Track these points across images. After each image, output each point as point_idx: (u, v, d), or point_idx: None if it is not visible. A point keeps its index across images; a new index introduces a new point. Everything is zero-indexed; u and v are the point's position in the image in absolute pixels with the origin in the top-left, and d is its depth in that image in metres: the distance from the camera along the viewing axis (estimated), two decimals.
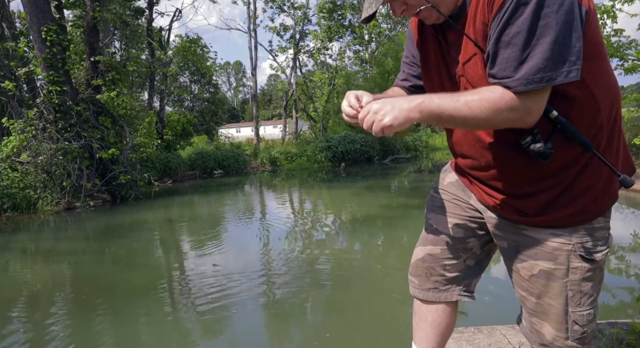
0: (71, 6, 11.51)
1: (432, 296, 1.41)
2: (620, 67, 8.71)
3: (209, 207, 10.01)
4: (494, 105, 0.92)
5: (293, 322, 3.35)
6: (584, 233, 1.06)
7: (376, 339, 2.94)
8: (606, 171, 1.05)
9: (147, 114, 15.72)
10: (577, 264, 1.07)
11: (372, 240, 5.95)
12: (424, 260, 1.41)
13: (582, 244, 1.07)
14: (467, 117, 0.94)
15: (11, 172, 9.39)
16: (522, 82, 0.90)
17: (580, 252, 1.07)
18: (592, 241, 1.07)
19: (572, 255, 1.07)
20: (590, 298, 1.10)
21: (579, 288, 1.09)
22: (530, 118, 0.94)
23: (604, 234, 1.08)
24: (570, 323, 1.12)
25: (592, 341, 1.17)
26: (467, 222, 1.31)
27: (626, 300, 3.31)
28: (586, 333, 1.13)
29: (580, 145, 1.00)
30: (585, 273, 1.08)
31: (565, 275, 1.09)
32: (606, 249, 1.08)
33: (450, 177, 1.39)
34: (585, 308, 1.10)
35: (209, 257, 5.32)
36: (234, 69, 77.44)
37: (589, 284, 1.09)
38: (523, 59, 0.90)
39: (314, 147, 19.09)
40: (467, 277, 1.38)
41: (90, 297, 4.09)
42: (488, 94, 0.94)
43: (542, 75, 0.88)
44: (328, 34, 22.91)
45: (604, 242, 1.08)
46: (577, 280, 1.08)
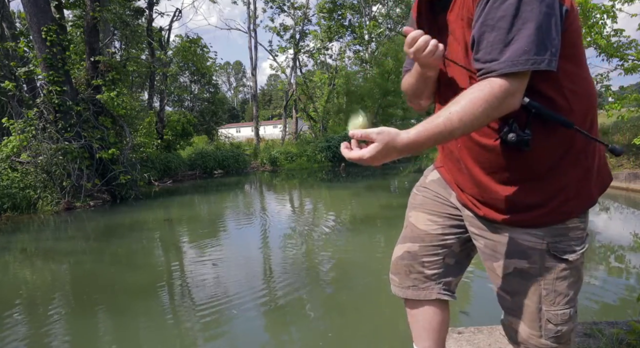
0: (71, 6, 11.52)
1: (412, 294, 1.40)
2: (620, 67, 8.71)
3: (209, 207, 10.01)
4: (487, 102, 0.92)
5: (294, 322, 3.35)
6: (558, 233, 1.07)
7: (378, 338, 2.94)
8: (581, 172, 1.05)
9: (147, 114, 15.73)
10: (550, 263, 1.08)
11: (372, 240, 5.95)
12: (403, 258, 1.41)
13: (555, 244, 1.07)
14: (463, 127, 0.94)
15: (11, 172, 9.39)
16: (508, 64, 0.91)
17: (554, 252, 1.08)
18: (566, 241, 1.07)
19: (546, 254, 1.08)
20: (565, 298, 1.10)
21: (553, 287, 1.09)
22: (515, 101, 0.94)
23: (579, 235, 1.08)
24: (544, 322, 1.12)
25: (571, 340, 1.15)
26: (446, 219, 1.31)
27: (626, 300, 3.31)
28: (561, 332, 1.12)
29: (561, 125, 0.99)
30: (559, 273, 1.08)
31: (538, 274, 1.10)
32: (581, 250, 1.08)
33: (433, 174, 1.41)
34: (560, 307, 1.10)
35: (209, 256, 5.32)
36: (234, 69, 77.44)
37: (564, 284, 1.09)
38: (508, 41, 0.91)
39: (314, 147, 19.10)
40: (446, 275, 1.36)
41: (91, 297, 4.09)
42: (476, 94, 0.93)
43: (527, 58, 0.90)
44: (328, 34, 22.93)
45: (579, 242, 1.08)
46: (551, 279, 1.09)
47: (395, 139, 0.94)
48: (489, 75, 0.93)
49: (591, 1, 7.84)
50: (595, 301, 3.30)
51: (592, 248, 4.98)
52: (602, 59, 8.71)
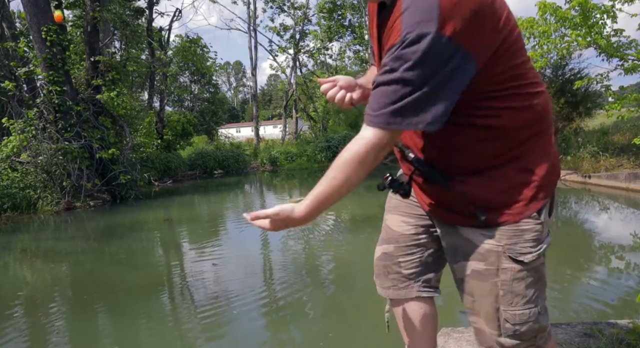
0: (71, 6, 11.52)
1: (392, 294, 1.45)
2: (620, 67, 8.70)
3: (209, 207, 10.02)
4: (360, 157, 1.02)
5: (295, 322, 3.35)
6: (512, 235, 1.08)
7: (378, 338, 2.94)
8: (524, 175, 1.07)
9: (147, 114, 15.73)
10: (506, 265, 1.09)
11: (372, 239, 5.93)
12: (380, 259, 1.46)
13: (511, 246, 1.08)
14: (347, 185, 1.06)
15: (11, 172, 9.39)
16: (381, 121, 0.98)
17: (509, 253, 1.08)
18: (521, 243, 1.08)
19: (502, 256, 1.09)
20: (524, 299, 1.10)
21: (510, 288, 1.10)
22: (385, 153, 1.04)
23: (535, 236, 1.08)
24: (502, 321, 1.13)
25: (538, 338, 1.15)
26: (418, 220, 1.36)
27: (626, 300, 3.31)
28: (520, 331, 1.12)
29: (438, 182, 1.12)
30: (516, 275, 1.09)
31: (495, 275, 1.11)
32: (537, 251, 1.08)
33: (403, 177, 1.45)
34: (518, 308, 1.11)
35: (209, 256, 5.32)
36: (234, 69, 77.43)
37: (521, 285, 1.10)
38: (387, 102, 0.97)
39: (314, 147, 19.10)
40: (425, 273, 1.39)
41: (91, 297, 4.09)
42: (351, 152, 1.03)
43: (394, 121, 0.97)
44: (328, 34, 22.94)
45: (535, 244, 1.08)
46: (507, 280, 1.10)
47: (290, 215, 1.12)
48: (367, 123, 1.02)
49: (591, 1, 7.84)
50: (595, 301, 3.30)
51: (593, 248, 4.98)
52: (602, 59, 8.71)
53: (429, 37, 0.89)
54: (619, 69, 8.73)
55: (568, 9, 8.17)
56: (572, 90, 11.45)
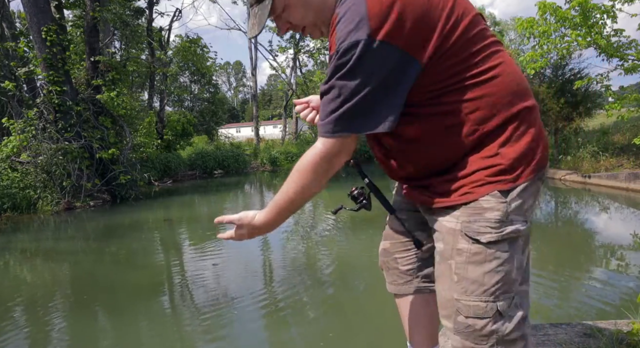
0: (71, 6, 11.52)
1: (393, 289, 1.47)
2: (620, 67, 8.71)
3: (209, 207, 10.01)
4: (314, 166, 1.06)
5: (295, 322, 3.35)
6: (472, 213, 1.02)
7: (379, 338, 2.94)
8: (492, 159, 1.02)
9: (147, 114, 15.73)
10: (462, 245, 1.03)
11: (372, 239, 5.94)
12: (381, 255, 1.50)
13: (469, 224, 1.02)
14: (302, 196, 1.13)
15: (11, 172, 9.39)
16: (327, 130, 1.00)
17: (465, 231, 1.02)
18: (481, 222, 1.00)
19: (458, 234, 1.03)
20: (481, 287, 1.00)
21: (465, 273, 1.02)
22: (341, 159, 1.06)
23: (497, 216, 1.00)
24: (454, 312, 1.04)
25: (498, 344, 1.01)
26: (412, 215, 1.34)
27: (626, 300, 3.31)
28: (473, 328, 1.01)
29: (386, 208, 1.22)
30: (471, 257, 1.01)
31: (450, 257, 1.05)
32: (498, 232, 0.99)
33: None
34: (473, 298, 1.01)
35: (209, 256, 5.32)
36: (234, 69, 77.42)
37: (478, 270, 1.01)
38: (330, 110, 0.99)
39: None
40: (423, 268, 1.38)
41: (91, 297, 4.09)
42: (304, 162, 1.07)
43: (339, 128, 0.99)
44: None
45: (497, 225, 1.00)
46: (462, 263, 1.03)
47: (251, 222, 1.17)
48: (318, 134, 1.05)
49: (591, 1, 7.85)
50: (595, 301, 3.30)
51: (593, 248, 4.98)
52: (602, 59, 8.72)
53: (361, 44, 0.92)
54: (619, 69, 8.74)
55: (568, 9, 8.17)
56: (572, 90, 11.45)
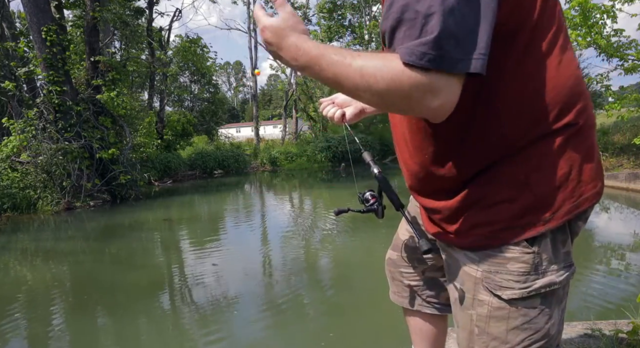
0: (71, 6, 11.52)
1: (397, 300, 1.39)
2: (620, 67, 8.71)
3: (208, 207, 10.01)
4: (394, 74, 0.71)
5: (295, 321, 3.35)
6: (494, 262, 0.86)
7: (379, 338, 2.94)
8: (512, 191, 0.83)
9: (147, 114, 15.71)
10: (483, 297, 0.89)
11: (372, 239, 5.94)
12: (387, 263, 1.41)
13: (490, 274, 0.87)
14: (358, 85, 0.74)
15: (11, 172, 9.39)
16: (406, 52, 0.70)
17: (486, 284, 0.88)
18: (502, 274, 0.86)
19: (479, 284, 0.89)
20: (504, 345, 0.88)
21: (485, 327, 0.89)
22: (432, 103, 0.71)
23: (522, 269, 0.84)
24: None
25: None
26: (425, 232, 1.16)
27: (626, 300, 3.30)
28: None
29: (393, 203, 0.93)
30: (493, 312, 0.88)
31: (471, 306, 0.92)
32: (523, 289, 0.84)
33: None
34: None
35: (209, 256, 5.32)
36: (234, 69, 77.44)
37: (500, 327, 0.88)
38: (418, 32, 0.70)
39: (314, 147, 19.10)
40: (430, 289, 1.28)
41: (91, 297, 4.09)
42: (391, 60, 0.72)
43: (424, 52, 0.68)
44: (328, 34, 22.93)
45: (522, 279, 0.84)
46: (483, 316, 0.90)
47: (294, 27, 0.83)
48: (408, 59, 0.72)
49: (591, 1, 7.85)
50: (595, 301, 3.30)
51: (593, 248, 4.97)
52: (602, 59, 8.72)
53: None
54: (619, 69, 8.74)
55: (568, 9, 8.17)
56: None
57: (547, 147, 0.82)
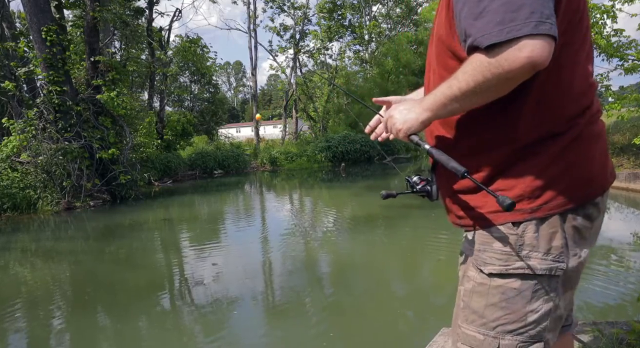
0: (71, 6, 11.51)
1: None
2: (620, 67, 8.70)
3: (208, 207, 10.01)
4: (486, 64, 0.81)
5: (295, 321, 3.35)
6: (483, 242, 0.97)
7: (379, 338, 2.94)
8: (513, 181, 0.93)
9: (147, 114, 15.71)
10: (471, 273, 0.99)
11: (372, 240, 5.94)
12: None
13: (478, 252, 0.97)
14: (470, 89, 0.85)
15: (11, 172, 9.39)
16: (483, 35, 0.80)
17: (474, 260, 0.98)
18: (488, 252, 0.95)
19: (470, 261, 1.00)
20: (480, 319, 0.96)
21: (469, 302, 0.99)
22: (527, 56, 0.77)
23: (506, 249, 0.93)
24: (455, 337, 1.02)
25: None
26: None
27: (626, 300, 3.31)
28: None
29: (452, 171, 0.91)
30: (476, 287, 0.97)
31: (461, 282, 1.03)
32: (503, 266, 0.93)
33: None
34: (471, 328, 0.98)
35: (209, 256, 5.32)
36: (234, 69, 77.43)
37: (480, 301, 0.96)
38: (478, 12, 0.81)
39: (314, 147, 19.10)
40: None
41: (91, 297, 4.09)
42: (475, 58, 0.83)
43: (502, 28, 0.78)
44: (328, 34, 22.94)
45: (504, 258, 0.93)
46: (468, 291, 0.99)
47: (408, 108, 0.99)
48: (473, 51, 0.84)
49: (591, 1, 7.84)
50: (595, 301, 3.30)
51: (593, 248, 4.97)
52: (602, 59, 8.71)
53: None
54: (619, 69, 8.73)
55: None
56: None
57: (551, 146, 0.91)
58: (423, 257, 4.95)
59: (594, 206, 0.97)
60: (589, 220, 0.97)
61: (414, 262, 4.87)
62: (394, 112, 1.02)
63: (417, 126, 0.97)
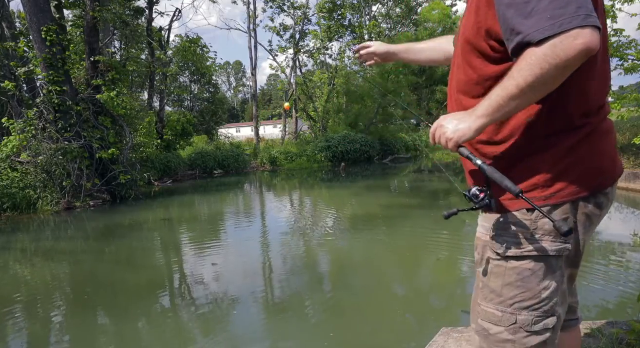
0: (71, 6, 11.51)
1: None
2: (620, 67, 8.70)
3: (208, 207, 10.01)
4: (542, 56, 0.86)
5: (295, 321, 3.35)
6: (500, 227, 1.06)
7: (379, 337, 2.94)
8: (529, 172, 1.02)
9: (147, 114, 15.70)
10: (488, 255, 1.09)
11: (372, 240, 5.94)
12: None
13: (495, 236, 1.07)
14: (528, 84, 0.89)
15: (11, 172, 9.39)
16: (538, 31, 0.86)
17: (491, 245, 1.07)
18: (505, 236, 1.05)
19: (487, 245, 1.09)
20: (498, 297, 1.06)
21: (487, 281, 1.09)
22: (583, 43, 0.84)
23: (522, 233, 1.03)
24: (476, 315, 1.12)
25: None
26: None
27: (626, 300, 3.31)
28: (488, 332, 1.07)
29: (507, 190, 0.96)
30: (494, 268, 1.07)
31: (480, 265, 1.12)
32: (519, 250, 1.03)
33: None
34: (490, 305, 1.08)
35: (209, 256, 5.32)
36: (234, 69, 77.42)
37: (497, 282, 1.06)
38: (529, 11, 0.87)
39: (314, 147, 19.09)
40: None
41: (91, 297, 4.09)
42: (528, 55, 0.88)
43: (554, 22, 0.85)
44: (328, 34, 22.92)
45: (520, 241, 1.03)
46: (487, 272, 1.09)
47: (460, 118, 1.02)
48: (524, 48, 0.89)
49: None
50: (595, 301, 3.30)
51: (593, 248, 4.97)
52: None
53: None
54: (619, 69, 8.73)
55: None
56: None
57: (567, 139, 0.99)
58: (423, 257, 4.95)
59: (605, 195, 1.06)
60: (599, 208, 1.06)
61: (414, 261, 4.87)
62: (444, 121, 1.05)
63: (471, 135, 1.01)
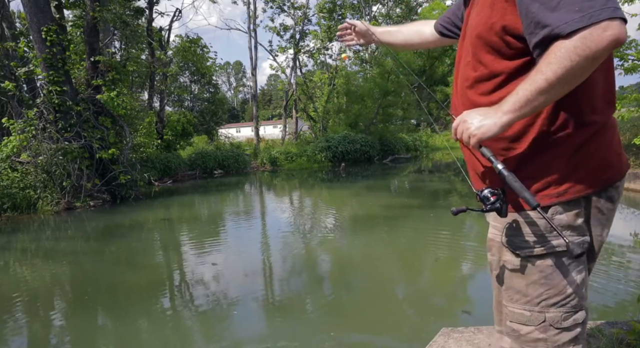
0: (71, 6, 11.51)
1: None
2: (620, 67, 8.71)
3: (208, 207, 10.01)
4: (572, 48, 0.86)
5: (295, 321, 3.35)
6: (513, 226, 1.06)
7: (379, 337, 2.95)
8: (542, 168, 1.02)
9: (147, 114, 15.70)
10: (506, 257, 1.08)
11: (372, 239, 5.94)
12: None
13: (511, 237, 1.06)
14: (558, 77, 0.89)
15: (11, 172, 9.38)
16: (567, 23, 0.86)
17: (507, 245, 1.07)
18: (521, 236, 1.05)
19: (503, 247, 1.09)
20: (524, 297, 1.06)
21: (510, 282, 1.08)
22: (612, 34, 0.85)
23: (538, 232, 1.03)
24: (504, 317, 1.12)
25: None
26: None
27: (626, 300, 3.31)
28: (519, 333, 1.07)
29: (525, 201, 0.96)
30: (515, 269, 1.07)
31: (497, 267, 1.12)
32: (540, 249, 1.02)
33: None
34: (517, 306, 1.07)
35: (209, 256, 5.32)
36: (234, 69, 77.42)
37: (521, 282, 1.06)
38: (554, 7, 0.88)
39: (314, 147, 19.09)
40: None
41: (91, 297, 4.09)
42: (557, 47, 0.88)
43: (582, 15, 0.85)
44: (328, 34, 22.91)
45: (538, 240, 1.03)
46: (507, 273, 1.09)
47: (485, 114, 1.00)
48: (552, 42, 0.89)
49: None
50: (595, 301, 3.30)
51: None
52: None
53: None
54: (619, 69, 8.74)
55: None
56: None
57: (577, 136, 1.00)
58: (423, 257, 4.95)
59: (615, 189, 1.09)
60: (611, 202, 1.08)
61: (414, 261, 4.87)
62: (468, 116, 1.03)
63: (495, 131, 0.98)
